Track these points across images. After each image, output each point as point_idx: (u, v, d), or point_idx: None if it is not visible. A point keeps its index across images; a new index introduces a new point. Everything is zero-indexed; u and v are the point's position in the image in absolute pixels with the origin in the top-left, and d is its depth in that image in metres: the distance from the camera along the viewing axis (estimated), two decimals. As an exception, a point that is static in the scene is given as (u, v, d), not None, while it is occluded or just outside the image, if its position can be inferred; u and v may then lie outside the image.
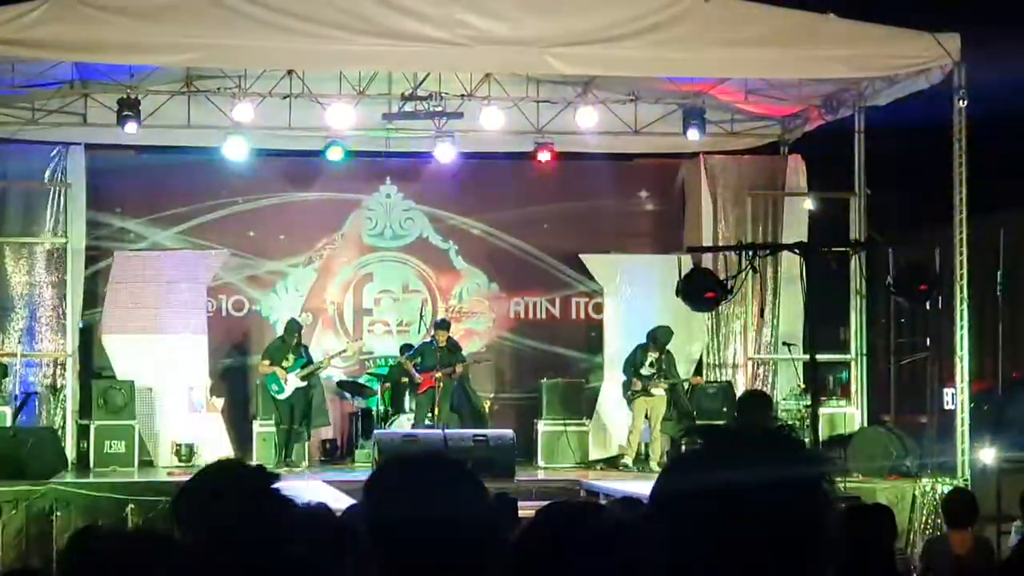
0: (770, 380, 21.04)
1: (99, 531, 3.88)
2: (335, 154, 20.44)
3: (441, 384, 19.71)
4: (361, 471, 18.83)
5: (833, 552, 2.47)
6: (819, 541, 2.44)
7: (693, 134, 20.13)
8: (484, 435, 18.22)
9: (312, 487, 14.96)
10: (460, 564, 3.13)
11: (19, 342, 19.66)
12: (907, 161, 20.10)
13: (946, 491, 14.91)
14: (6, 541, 15.73)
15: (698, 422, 19.38)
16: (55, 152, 20.11)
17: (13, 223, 20.08)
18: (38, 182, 20.11)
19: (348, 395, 21.17)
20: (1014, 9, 17.58)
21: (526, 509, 3.70)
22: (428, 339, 20.51)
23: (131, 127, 18.94)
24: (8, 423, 18.29)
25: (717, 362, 21.32)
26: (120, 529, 3.95)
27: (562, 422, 20.39)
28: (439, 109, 19.58)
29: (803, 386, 19.66)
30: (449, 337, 20.27)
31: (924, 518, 16.22)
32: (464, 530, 3.14)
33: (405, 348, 20.93)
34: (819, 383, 18.28)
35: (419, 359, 20.12)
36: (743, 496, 2.40)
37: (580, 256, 21.48)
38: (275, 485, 3.49)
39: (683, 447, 19.37)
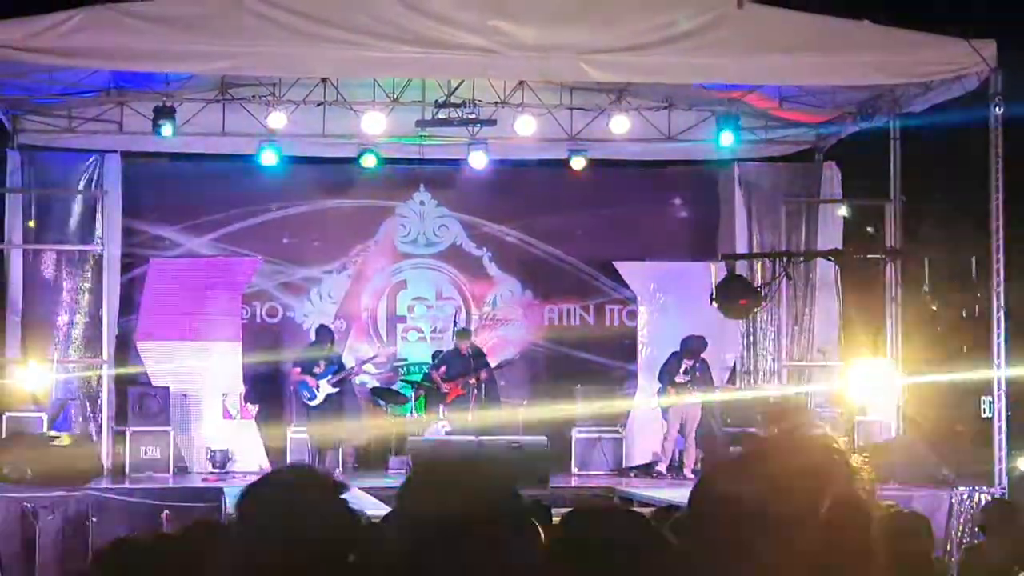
0: (804, 387, 20.93)
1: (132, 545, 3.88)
2: (369, 161, 20.50)
3: (474, 391, 19.77)
4: (394, 478, 18.83)
5: (869, 561, 2.46)
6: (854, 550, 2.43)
7: (727, 140, 20.10)
8: (518, 441, 18.24)
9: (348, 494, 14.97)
10: (491, 568, 3.13)
11: (55, 348, 19.75)
12: (943, 168, 20.01)
13: (983, 500, 14.84)
14: (44, 546, 15.82)
15: (731, 430, 19.36)
16: (91, 160, 20.19)
17: (50, 231, 20.15)
18: (75, 190, 20.20)
19: (382, 402, 21.18)
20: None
21: (560, 516, 3.71)
22: (455, 347, 20.53)
23: (167, 130, 18.99)
24: (45, 429, 18.38)
25: (751, 369, 21.27)
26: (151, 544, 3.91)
27: (596, 429, 20.37)
28: (473, 116, 19.60)
29: (838, 394, 19.60)
30: (472, 344, 20.35)
31: (961, 527, 16.15)
32: (495, 535, 3.14)
33: (436, 355, 20.99)
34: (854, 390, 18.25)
35: (444, 367, 20.19)
36: (778, 503, 2.39)
37: (614, 263, 21.46)
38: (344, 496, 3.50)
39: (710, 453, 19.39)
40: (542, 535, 3.45)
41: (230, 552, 3.44)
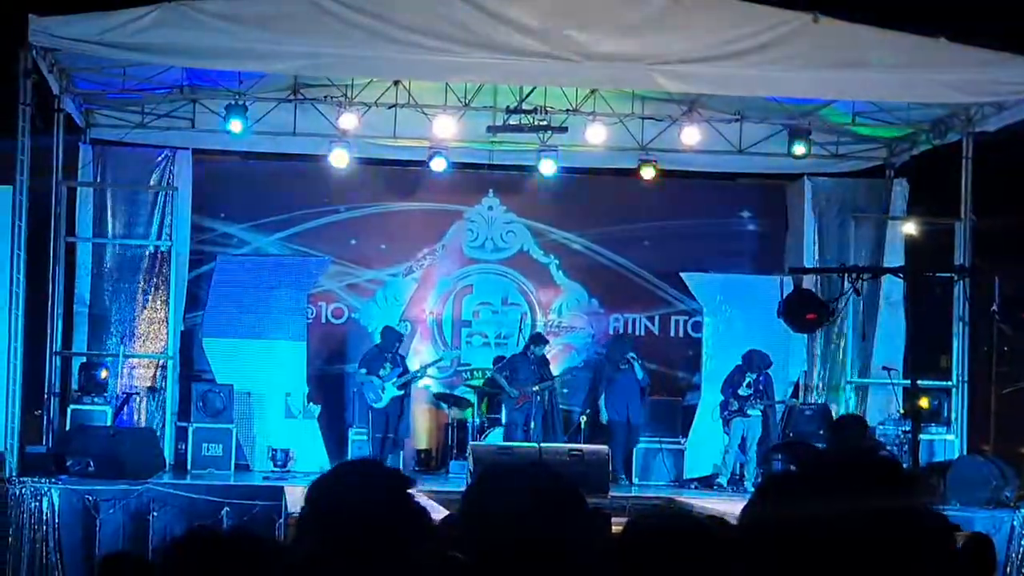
0: (867, 404, 20.79)
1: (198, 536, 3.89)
2: (438, 165, 20.51)
3: (537, 398, 19.73)
4: (455, 482, 18.83)
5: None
6: (917, 570, 2.39)
7: (798, 152, 20.03)
8: (579, 450, 18.17)
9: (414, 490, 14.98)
10: (557, 570, 3.12)
11: (121, 343, 19.88)
12: (1016, 187, 19.85)
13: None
14: (104, 539, 15.92)
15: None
16: (162, 156, 20.32)
17: (120, 226, 20.29)
18: (145, 185, 20.33)
19: (444, 406, 21.18)
20: None
21: (619, 526, 3.71)
22: (521, 353, 20.49)
23: (237, 126, 19.12)
24: (109, 423, 18.50)
25: (814, 384, 21.16)
26: (219, 533, 3.94)
27: (658, 439, 20.33)
28: (544, 123, 19.61)
29: (902, 412, 19.47)
30: (543, 354, 20.32)
31: (1022, 550, 16.00)
32: (562, 542, 3.13)
33: (496, 361, 20.96)
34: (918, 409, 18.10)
35: (508, 372, 20.14)
36: (837, 523, 2.36)
37: (681, 274, 21.39)
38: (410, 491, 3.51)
39: (768, 466, 19.29)
40: (607, 539, 3.44)
41: (300, 543, 3.45)
